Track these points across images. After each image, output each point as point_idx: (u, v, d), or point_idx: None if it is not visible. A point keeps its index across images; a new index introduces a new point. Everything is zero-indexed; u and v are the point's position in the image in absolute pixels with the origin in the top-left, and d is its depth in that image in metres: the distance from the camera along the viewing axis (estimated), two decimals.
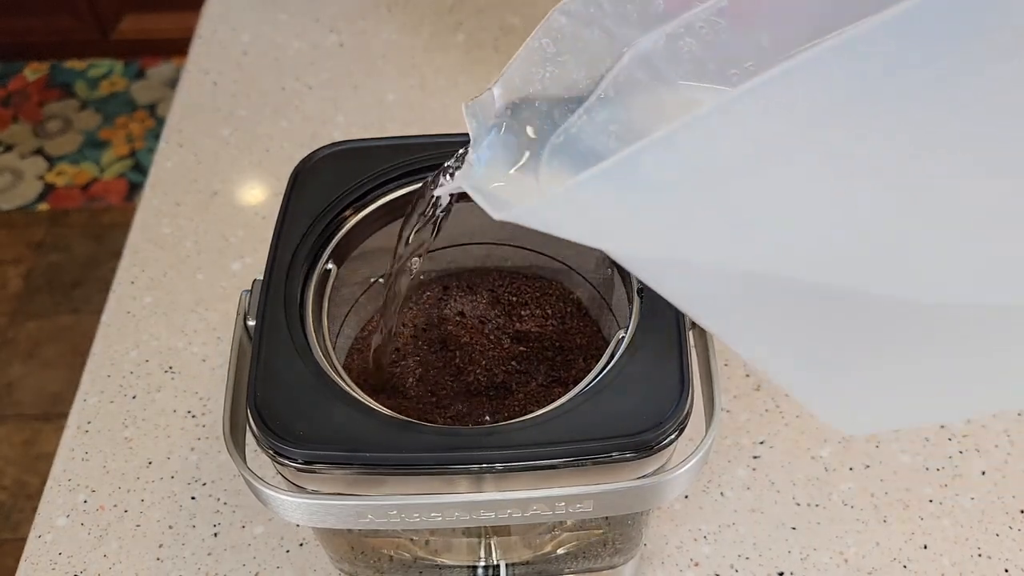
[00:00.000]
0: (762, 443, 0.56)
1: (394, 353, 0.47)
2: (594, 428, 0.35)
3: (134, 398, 0.60)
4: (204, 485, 0.55)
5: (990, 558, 0.51)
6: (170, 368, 0.61)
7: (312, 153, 0.45)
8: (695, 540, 0.53)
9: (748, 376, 0.59)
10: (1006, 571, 0.51)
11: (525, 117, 0.32)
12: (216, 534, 0.53)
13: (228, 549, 0.53)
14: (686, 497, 0.54)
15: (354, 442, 0.35)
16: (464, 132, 0.46)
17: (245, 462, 0.37)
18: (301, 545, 0.53)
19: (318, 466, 0.35)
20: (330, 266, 0.43)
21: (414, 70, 0.82)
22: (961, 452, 0.56)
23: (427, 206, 0.37)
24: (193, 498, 0.55)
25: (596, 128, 0.31)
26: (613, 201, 0.24)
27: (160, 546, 0.53)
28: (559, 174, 0.31)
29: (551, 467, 0.35)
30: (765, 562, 0.52)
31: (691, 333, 0.41)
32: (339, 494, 0.36)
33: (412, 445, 0.35)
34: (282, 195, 0.44)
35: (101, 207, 1.71)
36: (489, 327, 0.48)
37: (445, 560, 0.47)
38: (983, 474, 0.55)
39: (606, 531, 0.46)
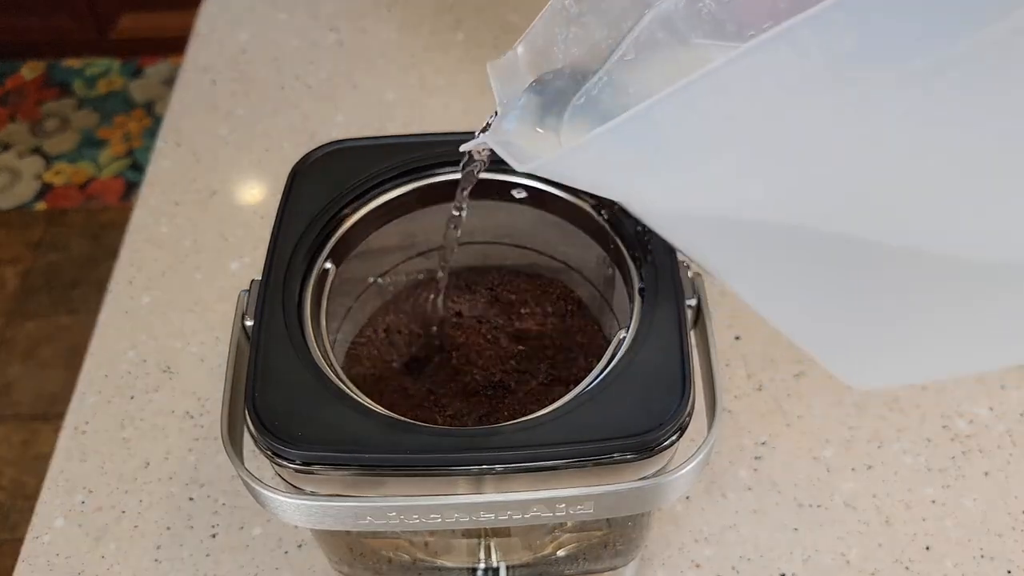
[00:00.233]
0: (764, 444, 0.56)
1: (405, 346, 0.47)
2: (595, 429, 0.35)
3: (132, 398, 0.59)
4: (202, 486, 0.55)
5: (993, 559, 0.51)
6: (168, 368, 0.61)
7: (311, 152, 0.45)
8: (696, 541, 0.52)
9: (750, 377, 0.59)
10: (1009, 572, 0.51)
11: (547, 78, 0.32)
12: (214, 535, 0.53)
13: (226, 550, 0.52)
14: (687, 498, 0.54)
15: (353, 443, 0.35)
16: (464, 132, 0.46)
17: (243, 463, 0.37)
18: (300, 547, 0.53)
19: (316, 467, 0.35)
20: (329, 266, 0.42)
21: (414, 69, 0.82)
22: (964, 453, 0.55)
23: (465, 167, 0.39)
24: (191, 499, 0.55)
25: (616, 88, 0.31)
26: (631, 153, 0.25)
27: (158, 547, 0.53)
28: (580, 133, 0.31)
29: (551, 468, 0.35)
30: (767, 563, 0.51)
31: (692, 333, 0.41)
32: (338, 495, 0.36)
33: (411, 446, 0.35)
34: (281, 194, 0.44)
35: (99, 206, 1.71)
36: (488, 326, 0.48)
37: (445, 562, 0.47)
38: (986, 475, 0.55)
39: (607, 533, 0.45)
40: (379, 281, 0.49)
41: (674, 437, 0.35)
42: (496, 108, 0.33)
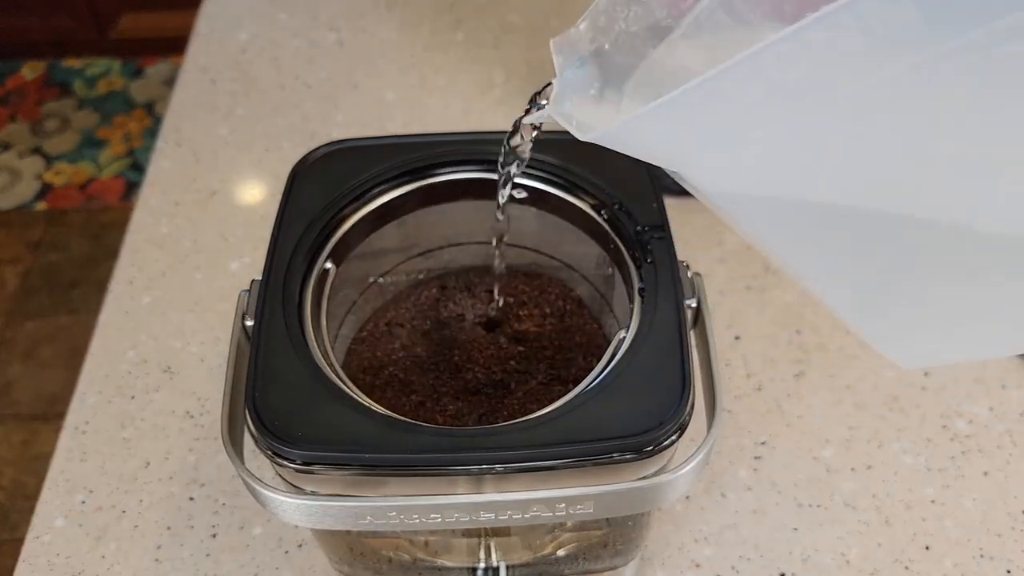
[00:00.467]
0: (763, 444, 0.56)
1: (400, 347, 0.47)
2: (594, 429, 0.35)
3: (132, 398, 0.59)
4: (202, 486, 0.55)
5: (992, 559, 0.51)
6: (168, 368, 0.61)
7: (311, 152, 0.45)
8: (696, 541, 0.52)
9: (749, 376, 0.59)
10: (1008, 572, 0.51)
11: (608, 53, 0.33)
12: (214, 535, 0.53)
13: (226, 550, 0.52)
14: (687, 498, 0.54)
15: (353, 443, 0.35)
16: (465, 132, 0.46)
17: (243, 463, 0.37)
18: (300, 546, 0.53)
19: (317, 467, 0.35)
20: (329, 266, 0.42)
21: (414, 69, 0.82)
22: (963, 453, 0.56)
23: (517, 136, 0.39)
24: (191, 499, 0.55)
25: (676, 64, 0.32)
26: (685, 127, 0.26)
27: (158, 547, 0.53)
28: (638, 106, 0.32)
29: (551, 468, 0.35)
30: (767, 563, 0.51)
31: (692, 333, 0.41)
32: (338, 495, 0.36)
33: (411, 446, 0.35)
34: (281, 194, 0.44)
35: (99, 206, 1.71)
36: (488, 326, 0.48)
37: (445, 561, 0.47)
38: (985, 475, 0.55)
39: (607, 532, 0.45)
40: (379, 281, 0.49)
41: (674, 437, 0.35)
42: (553, 80, 0.34)
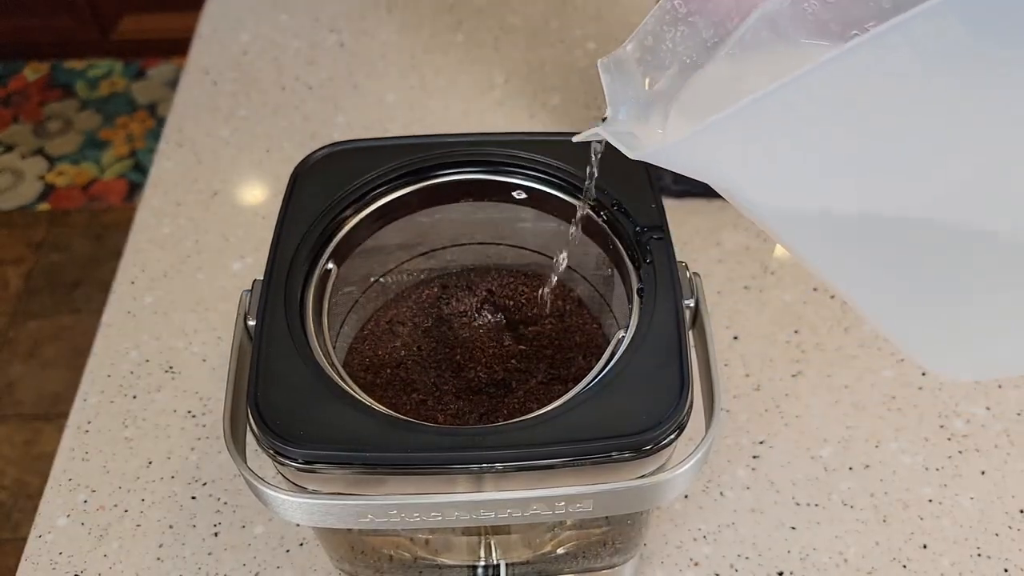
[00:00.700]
0: (762, 443, 0.56)
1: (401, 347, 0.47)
2: (594, 428, 0.35)
3: (134, 398, 0.60)
4: (204, 485, 0.55)
5: (990, 558, 0.52)
6: (170, 368, 0.61)
7: (312, 153, 0.45)
8: (695, 540, 0.53)
9: (748, 376, 0.59)
10: (1006, 571, 0.51)
11: (655, 74, 0.34)
12: (216, 534, 0.53)
13: (228, 549, 0.53)
14: (686, 497, 0.54)
15: (354, 442, 0.35)
16: (465, 133, 0.46)
17: (245, 462, 0.37)
18: (301, 545, 0.53)
19: (318, 466, 0.35)
20: (330, 266, 0.43)
21: (414, 70, 0.82)
22: (961, 452, 0.56)
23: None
24: (193, 498, 0.55)
25: (722, 84, 0.32)
26: (737, 143, 0.26)
27: (160, 546, 0.53)
28: (684, 126, 0.32)
29: (551, 467, 0.35)
30: (765, 562, 0.52)
31: (691, 333, 0.41)
32: (339, 494, 0.36)
33: (412, 445, 0.35)
34: (282, 195, 0.44)
35: (101, 207, 1.71)
36: (488, 325, 0.48)
37: (445, 560, 0.47)
38: (983, 474, 0.55)
39: (606, 531, 0.46)
40: (381, 281, 0.49)
41: (672, 436, 0.35)
42: (607, 103, 0.35)
